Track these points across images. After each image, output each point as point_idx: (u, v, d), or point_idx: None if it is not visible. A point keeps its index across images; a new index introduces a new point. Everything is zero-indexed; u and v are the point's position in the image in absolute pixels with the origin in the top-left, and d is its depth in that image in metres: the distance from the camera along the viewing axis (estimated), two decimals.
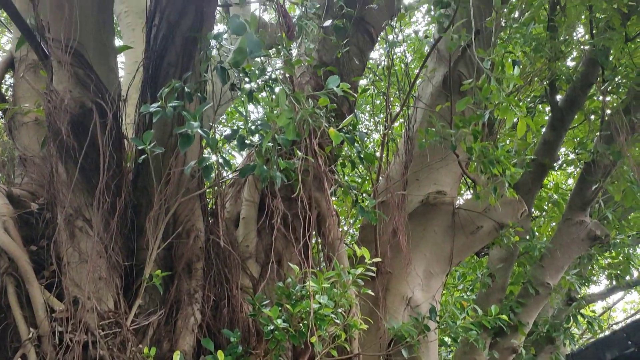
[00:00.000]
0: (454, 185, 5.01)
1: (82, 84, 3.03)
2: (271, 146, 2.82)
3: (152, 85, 3.49)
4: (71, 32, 2.94)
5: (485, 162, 3.87)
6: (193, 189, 3.45)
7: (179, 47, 3.46)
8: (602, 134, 5.71)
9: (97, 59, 3.16)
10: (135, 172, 3.52)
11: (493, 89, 2.86)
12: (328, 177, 3.46)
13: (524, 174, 6.18)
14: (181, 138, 2.62)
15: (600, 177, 5.84)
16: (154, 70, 3.50)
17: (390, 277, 4.44)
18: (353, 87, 4.94)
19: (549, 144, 6.21)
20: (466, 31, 4.03)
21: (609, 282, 8.66)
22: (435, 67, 5.37)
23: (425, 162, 4.68)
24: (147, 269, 3.17)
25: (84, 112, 3.02)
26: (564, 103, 6.03)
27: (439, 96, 5.18)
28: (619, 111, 5.46)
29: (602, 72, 5.41)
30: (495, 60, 3.02)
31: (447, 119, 4.71)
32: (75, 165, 2.98)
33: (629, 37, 4.91)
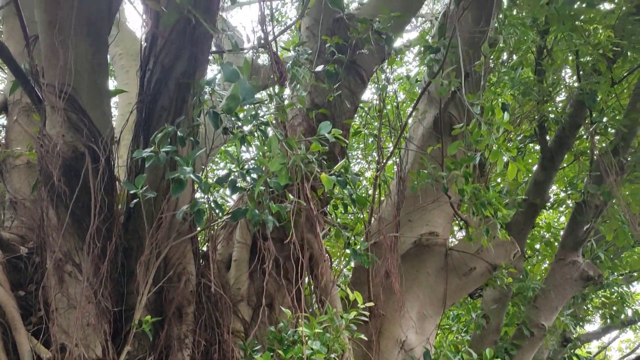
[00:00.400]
0: (446, 225, 5.02)
1: (74, 128, 3.04)
2: (263, 189, 2.82)
3: (145, 128, 3.51)
4: (65, 77, 2.96)
5: (477, 204, 3.89)
6: (185, 232, 3.43)
7: (172, 91, 3.49)
8: (592, 174, 5.76)
9: (90, 102, 3.18)
10: (127, 215, 3.50)
11: (483, 133, 2.90)
12: (320, 221, 3.45)
13: (516, 213, 6.20)
14: (174, 183, 2.62)
15: (592, 217, 5.86)
16: (147, 114, 3.53)
17: (383, 319, 4.39)
18: (345, 129, 5.01)
19: (539, 184, 6.25)
20: (456, 75, 4.11)
21: (603, 322, 8.61)
22: (426, 109, 5.44)
23: (418, 202, 4.70)
24: (137, 315, 3.12)
25: (76, 156, 3.02)
26: (553, 144, 6.10)
27: (430, 137, 5.23)
28: (607, 152, 5.52)
29: (589, 113, 5.49)
30: (485, 105, 3.07)
31: (439, 160, 4.75)
32: (66, 209, 2.97)
33: (615, 80, 5.01)
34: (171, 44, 3.48)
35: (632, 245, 6.92)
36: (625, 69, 5.55)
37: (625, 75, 5.16)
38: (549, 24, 4.38)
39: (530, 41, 4.08)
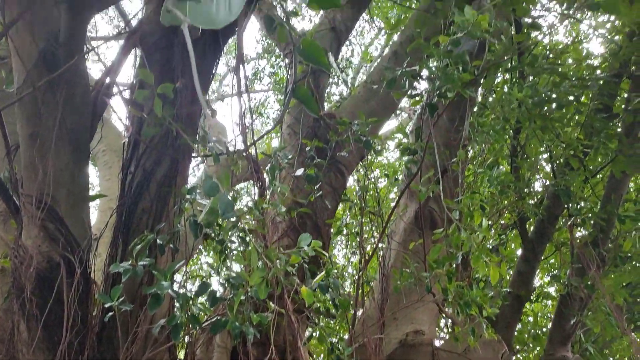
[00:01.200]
0: (432, 323, 4.93)
1: (51, 238, 2.99)
2: (243, 299, 2.76)
3: (124, 231, 3.47)
4: (44, 188, 2.96)
5: (461, 304, 3.84)
6: (162, 342, 3.31)
7: (153, 194, 3.49)
8: (574, 266, 5.78)
9: (69, 211, 3.15)
10: (101, 326, 3.38)
11: (464, 239, 2.91)
12: (301, 335, 3.37)
13: (502, 307, 6.13)
14: (151, 298, 2.56)
15: (577, 310, 5.82)
16: (127, 216, 3.50)
17: None
18: (327, 227, 5.02)
19: (523, 275, 6.24)
20: (434, 172, 4.19)
21: None
22: (407, 204, 5.50)
23: (402, 299, 4.64)
24: None
25: (51, 267, 2.95)
26: (534, 235, 6.15)
27: (412, 232, 5.25)
28: (587, 244, 5.57)
29: (566, 207, 5.59)
30: (464, 211, 3.11)
31: (421, 255, 4.74)
32: (37, 323, 2.86)
33: (588, 175, 5.15)
34: (153, 148, 3.52)
35: (620, 336, 6.84)
36: (597, 161, 5.72)
37: (598, 171, 5.31)
38: (521, 123, 4.54)
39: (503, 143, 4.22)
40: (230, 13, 1.09)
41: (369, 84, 4.92)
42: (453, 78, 2.80)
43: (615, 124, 5.77)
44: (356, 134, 4.04)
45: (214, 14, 1.05)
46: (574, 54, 6.03)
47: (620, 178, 5.54)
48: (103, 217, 6.86)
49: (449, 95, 2.98)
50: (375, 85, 4.27)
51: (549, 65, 4.55)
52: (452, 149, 4.64)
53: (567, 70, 5.08)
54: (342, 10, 6.60)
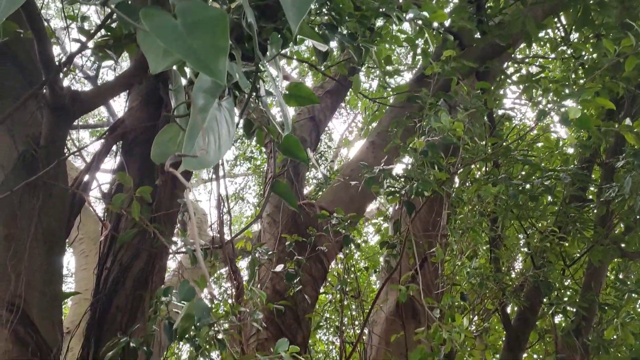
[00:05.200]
0: None
1: (21, 342, 2.89)
2: None
3: (96, 330, 3.38)
4: (17, 291, 2.89)
5: None
6: None
7: (129, 291, 3.44)
8: (559, 356, 5.70)
9: (40, 313, 3.06)
10: None
11: (447, 338, 2.89)
12: None
13: None
14: None
15: None
16: (101, 314, 3.42)
17: None
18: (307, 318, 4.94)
19: None
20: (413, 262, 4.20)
21: None
22: (388, 292, 5.46)
23: None
24: None
25: None
26: (517, 323, 6.10)
27: (393, 322, 5.18)
28: (569, 333, 5.53)
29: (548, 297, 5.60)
30: (445, 310, 3.10)
31: (403, 348, 4.65)
32: None
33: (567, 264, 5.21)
34: (130, 244, 3.50)
35: None
36: (575, 246, 5.79)
37: (575, 261, 5.37)
38: (497, 213, 4.63)
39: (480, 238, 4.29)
40: (220, 153, 1.14)
41: (347, 180, 5.01)
42: (429, 180, 2.88)
43: (590, 211, 5.90)
44: (336, 228, 4.07)
45: (205, 159, 1.09)
46: (546, 142, 6.25)
47: (599, 266, 5.60)
48: (77, 309, 6.67)
49: (425, 194, 3.05)
50: (354, 182, 4.36)
51: (521, 156, 4.70)
52: (432, 238, 4.68)
53: (538, 161, 5.24)
54: (321, 101, 6.82)
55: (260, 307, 2.99)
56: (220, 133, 1.14)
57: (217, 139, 1.12)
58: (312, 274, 5.17)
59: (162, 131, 1.39)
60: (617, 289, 5.76)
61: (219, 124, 1.14)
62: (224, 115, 1.19)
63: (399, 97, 5.54)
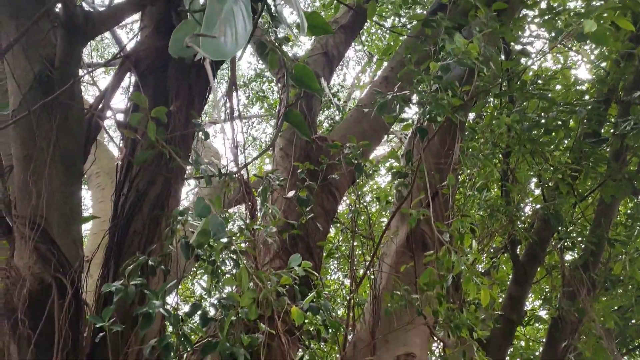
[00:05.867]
0: (423, 346, 4.91)
1: (43, 259, 3.00)
2: (234, 320, 2.78)
3: (116, 253, 3.48)
4: (37, 209, 2.98)
5: (452, 326, 3.85)
6: None
7: (146, 216, 3.52)
8: (565, 290, 5.81)
9: (61, 232, 3.16)
10: (92, 347, 3.37)
11: (455, 261, 2.94)
12: (292, 356, 3.37)
13: (493, 330, 6.13)
14: (142, 318, 2.57)
15: (569, 333, 5.83)
16: (120, 238, 3.52)
17: None
18: (318, 248, 5.03)
19: (514, 299, 6.26)
20: (424, 194, 4.24)
21: None
22: (398, 226, 5.53)
23: (393, 322, 4.63)
24: None
25: (42, 288, 2.95)
26: (525, 258, 6.19)
27: (403, 255, 5.27)
28: (578, 267, 5.61)
29: (557, 232, 5.64)
30: (454, 234, 3.15)
31: (412, 278, 4.76)
32: (28, 345, 2.85)
33: (578, 199, 5.22)
34: (146, 170, 3.55)
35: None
36: (587, 185, 5.80)
37: (587, 195, 5.38)
38: (510, 147, 4.61)
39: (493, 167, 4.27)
40: (237, 45, 1.14)
41: (360, 107, 4.98)
42: (442, 103, 2.87)
43: (604, 149, 5.86)
44: (348, 157, 4.08)
45: (222, 46, 1.09)
46: (563, 80, 6.15)
47: (610, 202, 5.61)
48: (95, 240, 6.83)
49: (438, 119, 3.04)
50: (366, 109, 4.33)
51: (537, 91, 4.64)
52: (443, 172, 4.70)
53: (555, 96, 5.18)
54: (334, 36, 6.70)
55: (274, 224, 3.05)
56: (237, 27, 1.14)
57: (233, 33, 1.13)
58: (323, 206, 5.23)
59: (178, 27, 1.39)
60: (627, 225, 5.79)
61: (235, 18, 1.15)
62: (241, 9, 1.19)
63: (414, 28, 5.43)
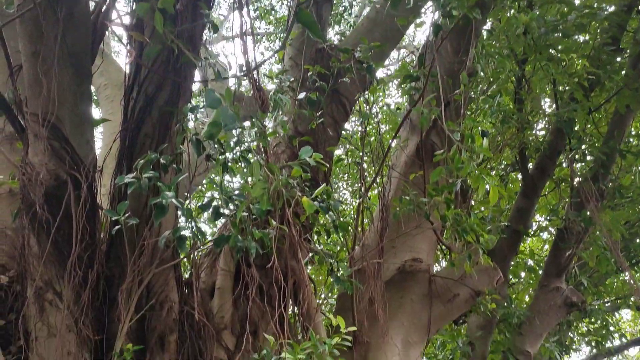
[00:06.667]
0: (430, 252, 5.04)
1: (57, 156, 3.05)
2: (246, 216, 2.84)
3: (128, 156, 3.53)
4: (48, 106, 2.99)
5: (458, 230, 3.92)
6: (167, 260, 3.42)
7: (156, 119, 3.53)
8: (573, 201, 5.85)
9: (73, 131, 3.20)
10: (109, 243, 3.49)
11: (464, 160, 2.95)
12: (302, 247, 3.46)
13: (499, 240, 6.25)
14: (156, 209, 2.63)
15: (574, 243, 5.92)
16: (131, 142, 3.55)
17: (368, 347, 4.36)
18: (328, 157, 5.06)
19: (522, 211, 6.32)
20: (436, 103, 4.20)
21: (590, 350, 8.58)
22: (408, 137, 5.52)
23: (401, 229, 4.72)
24: (118, 343, 3.09)
25: (58, 185, 3.02)
26: (534, 171, 6.20)
27: (413, 165, 5.29)
28: (587, 179, 5.61)
29: (568, 141, 5.61)
30: (465, 133, 3.13)
31: (421, 187, 4.80)
32: (47, 237, 2.96)
33: (592, 108, 5.14)
34: (155, 73, 3.53)
35: (615, 271, 6.99)
36: (602, 98, 5.69)
37: (602, 103, 5.29)
38: (527, 53, 4.50)
39: (508, 70, 4.18)
40: None
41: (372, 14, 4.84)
42: None
43: (623, 58, 5.70)
44: (359, 62, 4.02)
45: None
46: None
47: (624, 114, 5.53)
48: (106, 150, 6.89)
49: (454, 13, 2.94)
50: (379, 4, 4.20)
51: None
52: (456, 79, 4.62)
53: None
54: None
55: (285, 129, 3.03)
56: None
57: None
58: (333, 116, 5.20)
59: None
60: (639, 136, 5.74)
61: None
62: None
63: None
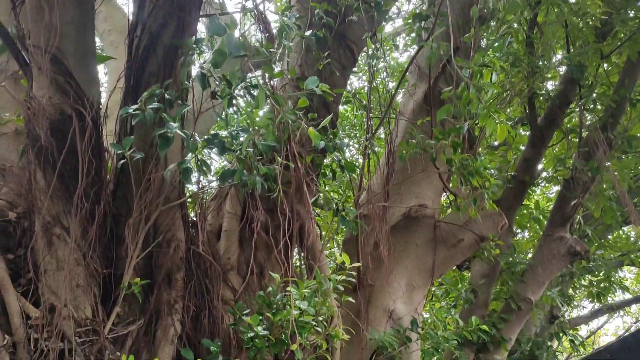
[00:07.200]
0: (435, 198, 5.04)
1: (61, 90, 3.03)
2: (251, 152, 2.83)
3: (133, 95, 3.49)
4: (52, 38, 2.95)
5: (465, 174, 3.91)
6: (173, 199, 3.44)
7: (161, 57, 3.48)
8: (581, 150, 5.80)
9: (77, 65, 3.16)
10: (115, 183, 3.50)
11: (472, 97, 2.90)
12: (308, 184, 3.46)
13: (505, 190, 6.25)
14: (161, 140, 2.62)
15: (580, 193, 5.91)
16: (135, 81, 3.52)
17: (372, 289, 4.43)
18: (335, 102, 5.01)
19: (528, 161, 6.30)
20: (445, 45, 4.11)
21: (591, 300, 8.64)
22: (416, 83, 5.46)
23: (407, 175, 4.71)
24: (126, 277, 3.13)
25: (63, 119, 3.01)
26: (543, 121, 6.14)
27: (420, 111, 5.24)
28: (596, 128, 5.56)
29: (579, 89, 5.53)
30: (474, 69, 3.07)
31: (428, 133, 4.77)
32: (53, 171, 2.96)
33: (604, 54, 5.03)
34: (159, 9, 3.45)
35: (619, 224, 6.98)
36: (615, 46, 5.57)
37: (615, 49, 5.17)
38: None
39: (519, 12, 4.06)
40: None
41: None
42: None
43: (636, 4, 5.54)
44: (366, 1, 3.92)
45: None
46: None
47: (636, 62, 5.42)
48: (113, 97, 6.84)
49: None
50: None
51: None
52: (466, 21, 4.52)
53: None
54: None
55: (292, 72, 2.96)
56: None
57: None
58: (340, 60, 5.13)
59: None
60: None
61: None
62: None
63: None
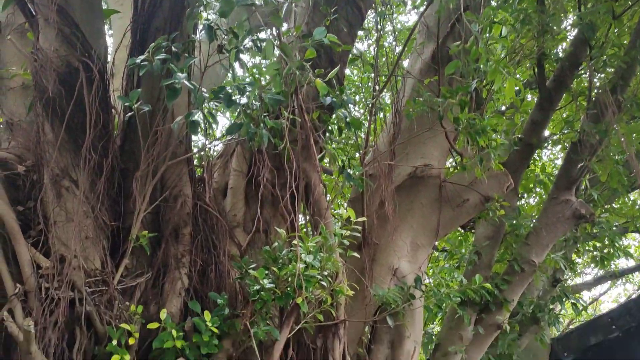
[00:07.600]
0: (441, 158, 5.04)
1: (68, 42, 3.02)
2: (258, 105, 2.83)
3: (139, 50, 3.48)
4: None
5: (471, 132, 3.90)
6: (180, 154, 3.46)
7: (167, 12, 3.46)
8: (589, 112, 5.75)
9: (83, 18, 3.15)
10: (123, 137, 3.52)
11: (481, 51, 2.87)
12: (315, 140, 3.46)
13: (512, 153, 6.21)
14: (168, 90, 2.62)
15: (587, 155, 5.87)
16: (142, 35, 3.50)
17: (377, 248, 4.47)
18: (342, 61, 4.96)
19: (536, 123, 6.25)
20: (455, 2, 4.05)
21: (596, 268, 8.68)
22: (424, 42, 5.39)
23: (414, 134, 4.70)
24: (134, 230, 3.18)
25: (70, 71, 3.01)
26: (552, 84, 6.06)
27: (428, 71, 5.20)
28: (606, 90, 5.49)
29: (589, 50, 5.44)
30: (484, 23, 3.02)
31: (436, 93, 4.73)
32: (61, 124, 2.98)
33: (616, 14, 4.93)
34: None
35: (626, 187, 6.95)
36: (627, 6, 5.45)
37: (627, 8, 5.07)
38: None
39: None
40: None
41: None
42: None
43: None
44: None
45: None
46: None
47: None
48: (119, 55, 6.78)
49: None
50: None
51: None
52: None
53: None
54: None
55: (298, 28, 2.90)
56: None
57: None
58: (348, 19, 5.06)
59: None
60: None
61: None
62: None
63: None
